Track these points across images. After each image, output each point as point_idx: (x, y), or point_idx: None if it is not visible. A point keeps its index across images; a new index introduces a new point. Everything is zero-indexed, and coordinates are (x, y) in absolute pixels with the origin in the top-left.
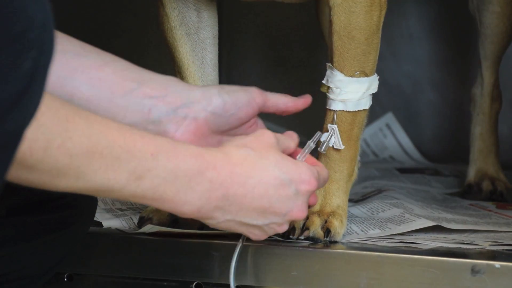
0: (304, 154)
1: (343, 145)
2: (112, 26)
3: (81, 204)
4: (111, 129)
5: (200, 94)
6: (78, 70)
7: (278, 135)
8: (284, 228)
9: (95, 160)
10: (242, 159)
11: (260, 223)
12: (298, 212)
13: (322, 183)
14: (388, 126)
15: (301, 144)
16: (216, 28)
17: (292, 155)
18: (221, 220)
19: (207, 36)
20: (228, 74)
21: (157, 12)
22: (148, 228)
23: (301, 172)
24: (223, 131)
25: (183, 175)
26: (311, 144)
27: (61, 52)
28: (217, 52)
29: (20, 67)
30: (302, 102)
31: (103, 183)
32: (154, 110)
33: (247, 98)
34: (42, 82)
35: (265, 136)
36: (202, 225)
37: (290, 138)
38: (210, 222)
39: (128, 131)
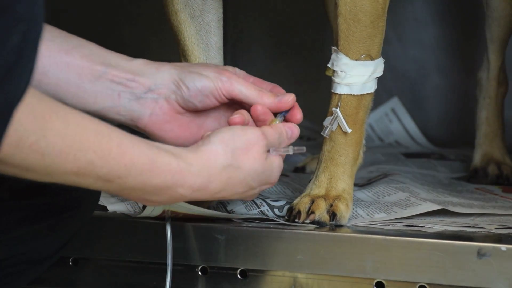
0: (276, 150)
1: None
2: (114, 38)
3: (84, 189)
4: (88, 132)
5: (167, 77)
6: (45, 55)
7: (274, 137)
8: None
9: (67, 162)
10: (222, 175)
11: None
12: (248, 198)
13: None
14: (393, 110)
15: (310, 131)
16: (221, 11)
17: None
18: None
19: (211, 19)
20: (234, 59)
21: None
22: (150, 210)
23: (269, 180)
24: (195, 111)
25: (152, 187)
26: (290, 150)
27: None
28: (221, 35)
29: (8, 41)
30: (278, 106)
31: (72, 180)
32: (123, 95)
33: (213, 86)
34: (32, 58)
35: (257, 144)
36: (209, 204)
37: (284, 140)
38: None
39: (106, 136)
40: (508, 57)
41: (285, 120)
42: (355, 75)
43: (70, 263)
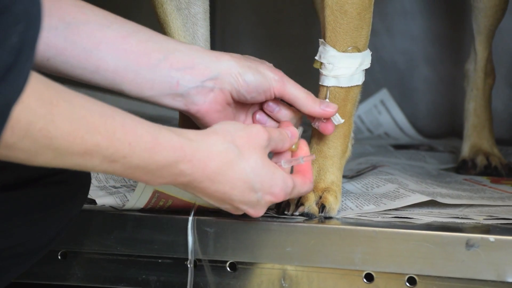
0: (288, 161)
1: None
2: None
3: (75, 181)
4: (93, 114)
5: (226, 68)
6: (103, 41)
7: (276, 134)
8: (239, 213)
9: (75, 145)
10: (221, 155)
11: (216, 205)
12: (254, 213)
13: (293, 196)
14: (382, 102)
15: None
16: (207, 2)
17: (283, 155)
18: (182, 189)
19: (198, 11)
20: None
21: None
22: (134, 202)
23: (273, 185)
24: (241, 106)
25: (155, 165)
26: (301, 160)
27: (84, 22)
28: (208, 27)
29: (6, 41)
30: (322, 113)
31: (78, 162)
32: (182, 82)
33: (268, 85)
34: (29, 57)
35: (258, 136)
36: None
37: (286, 138)
38: (176, 186)
39: (110, 117)
40: (495, 49)
41: (319, 128)
42: (342, 67)
43: (59, 257)
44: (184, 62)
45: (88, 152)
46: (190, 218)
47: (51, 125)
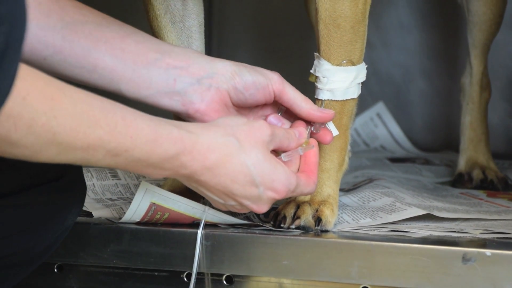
0: (288, 155)
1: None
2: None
3: (70, 189)
4: (94, 109)
5: (222, 67)
6: (101, 40)
7: (281, 132)
8: (244, 211)
9: (77, 140)
10: (222, 147)
11: (221, 201)
12: (257, 209)
13: (296, 194)
14: (379, 115)
15: None
16: (202, 15)
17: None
18: (185, 183)
19: (192, 24)
20: None
21: (142, 0)
22: (130, 215)
23: (274, 179)
24: (240, 107)
25: (156, 157)
26: (299, 150)
27: (83, 22)
28: (203, 40)
29: None
30: (320, 116)
31: (82, 157)
32: (179, 80)
33: (266, 82)
34: (15, 58)
35: (260, 130)
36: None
37: (293, 137)
38: (179, 179)
39: (111, 111)
40: (490, 62)
41: (317, 138)
42: (337, 80)
43: (55, 270)
44: (181, 61)
45: (91, 147)
46: (199, 231)
47: (54, 120)
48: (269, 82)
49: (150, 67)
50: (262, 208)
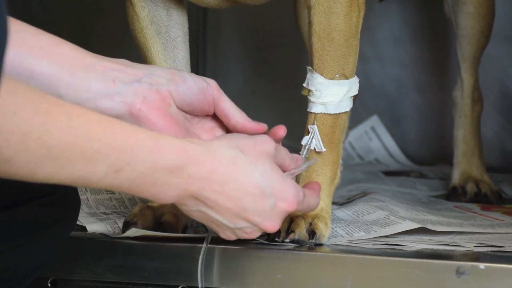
0: (292, 172)
1: (324, 148)
2: (96, 30)
3: (64, 204)
4: (91, 122)
5: (160, 70)
6: (36, 47)
7: (283, 149)
8: (255, 235)
9: (75, 155)
10: (228, 159)
11: (231, 226)
12: (270, 226)
13: (305, 208)
14: (373, 129)
15: (291, 150)
16: (186, 26)
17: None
18: (193, 208)
19: (177, 34)
20: (213, 78)
21: (126, 12)
22: (133, 232)
23: (284, 190)
24: (187, 112)
25: (161, 170)
26: (303, 166)
27: (17, 31)
28: (188, 50)
29: None
30: (254, 128)
31: (81, 175)
32: (118, 81)
33: (206, 85)
34: None
35: (264, 143)
36: (186, 228)
37: (293, 159)
38: (183, 208)
39: (109, 123)
40: (483, 76)
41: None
42: (330, 94)
43: (49, 285)
44: (118, 64)
45: (89, 162)
46: (203, 246)
47: (47, 135)
48: (208, 86)
49: (88, 69)
50: (274, 224)
